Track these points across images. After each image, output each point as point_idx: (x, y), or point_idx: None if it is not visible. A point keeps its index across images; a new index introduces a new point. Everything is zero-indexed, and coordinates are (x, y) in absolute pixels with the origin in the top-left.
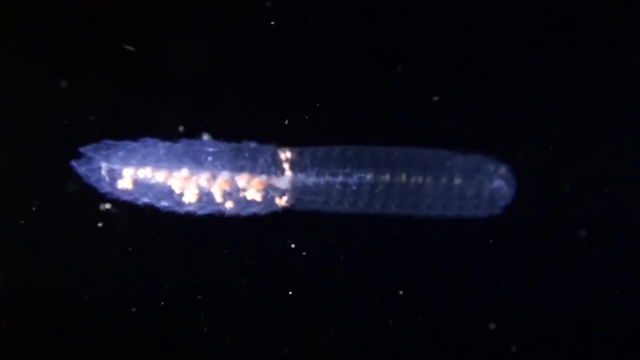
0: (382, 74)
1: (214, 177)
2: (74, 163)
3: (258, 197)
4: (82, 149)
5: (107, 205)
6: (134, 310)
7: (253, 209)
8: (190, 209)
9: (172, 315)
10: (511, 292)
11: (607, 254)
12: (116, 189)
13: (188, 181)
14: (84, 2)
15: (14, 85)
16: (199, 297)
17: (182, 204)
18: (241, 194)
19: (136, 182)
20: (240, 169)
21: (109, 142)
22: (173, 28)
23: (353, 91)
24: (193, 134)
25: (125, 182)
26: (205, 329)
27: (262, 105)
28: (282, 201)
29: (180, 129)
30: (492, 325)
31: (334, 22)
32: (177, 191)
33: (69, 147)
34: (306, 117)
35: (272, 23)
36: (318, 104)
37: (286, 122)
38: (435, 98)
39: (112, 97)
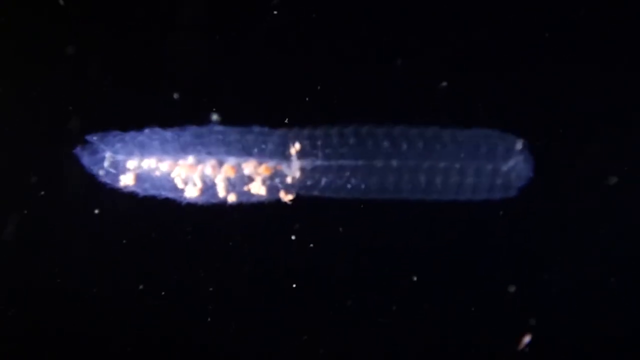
0: (388, 63)
1: (220, 164)
2: (78, 151)
3: (263, 191)
4: (88, 137)
5: (109, 197)
6: (136, 302)
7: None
8: (192, 201)
9: (173, 311)
10: (523, 280)
11: (608, 254)
12: (119, 180)
13: (193, 169)
14: (84, 2)
15: (14, 85)
16: (204, 290)
17: (184, 198)
18: (245, 187)
19: (140, 174)
20: (248, 154)
21: (115, 132)
22: (173, 25)
23: (360, 76)
24: (200, 122)
25: (128, 173)
26: (209, 319)
27: (267, 94)
28: (287, 197)
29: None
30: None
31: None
32: (180, 184)
33: (71, 144)
34: (307, 99)
35: (276, 12)
36: (319, 87)
37: (286, 121)
38: (444, 83)
39: (114, 95)
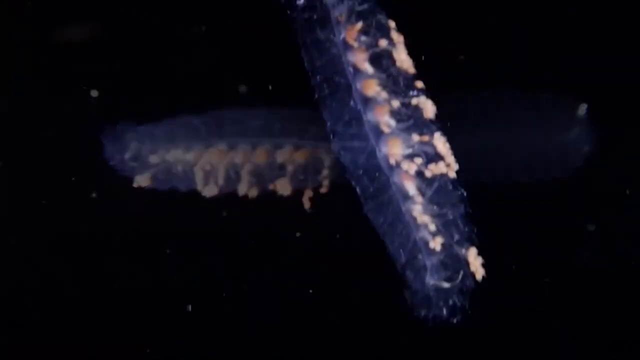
0: None
1: (253, 147)
2: (103, 139)
3: (288, 190)
4: (117, 127)
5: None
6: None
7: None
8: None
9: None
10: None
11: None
12: (136, 174)
13: (221, 157)
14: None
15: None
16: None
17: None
18: (270, 186)
19: (158, 171)
20: (286, 136)
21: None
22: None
23: None
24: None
25: (146, 172)
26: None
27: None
28: (309, 201)
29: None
30: None
31: None
32: (200, 182)
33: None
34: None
35: None
36: None
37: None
38: (461, 57)
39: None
